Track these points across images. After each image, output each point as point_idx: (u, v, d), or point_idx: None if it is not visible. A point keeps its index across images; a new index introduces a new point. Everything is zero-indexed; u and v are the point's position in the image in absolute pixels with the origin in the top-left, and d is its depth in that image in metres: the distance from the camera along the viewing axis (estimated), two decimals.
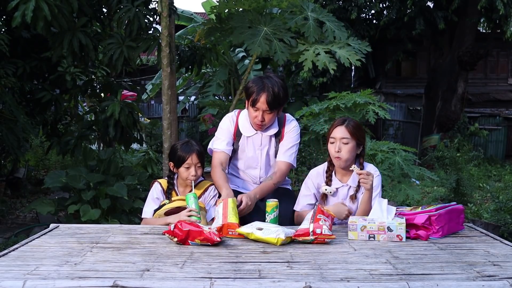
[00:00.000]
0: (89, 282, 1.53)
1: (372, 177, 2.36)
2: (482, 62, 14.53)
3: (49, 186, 4.39)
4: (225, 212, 2.25)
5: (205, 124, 8.76)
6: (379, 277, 1.61)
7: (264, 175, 2.77)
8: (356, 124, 2.49)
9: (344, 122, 2.48)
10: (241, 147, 2.76)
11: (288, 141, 2.76)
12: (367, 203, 2.41)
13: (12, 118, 4.71)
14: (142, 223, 2.59)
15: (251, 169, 2.78)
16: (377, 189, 2.49)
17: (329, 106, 4.15)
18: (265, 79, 2.61)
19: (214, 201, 2.62)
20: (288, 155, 2.74)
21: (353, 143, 2.45)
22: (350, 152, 2.45)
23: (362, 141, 2.50)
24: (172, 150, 2.65)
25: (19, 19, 3.78)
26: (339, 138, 2.44)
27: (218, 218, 2.26)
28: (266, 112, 2.59)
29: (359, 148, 2.50)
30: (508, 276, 1.63)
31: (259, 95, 2.55)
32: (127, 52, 4.45)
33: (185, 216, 2.30)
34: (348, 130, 2.44)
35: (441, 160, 9.26)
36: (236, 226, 2.18)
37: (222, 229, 2.19)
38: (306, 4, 4.49)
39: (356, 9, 11.86)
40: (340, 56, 4.41)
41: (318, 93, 13.24)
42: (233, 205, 2.32)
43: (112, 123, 4.61)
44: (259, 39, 4.21)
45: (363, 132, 2.52)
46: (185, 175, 2.56)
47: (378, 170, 2.59)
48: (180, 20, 7.26)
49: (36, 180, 7.88)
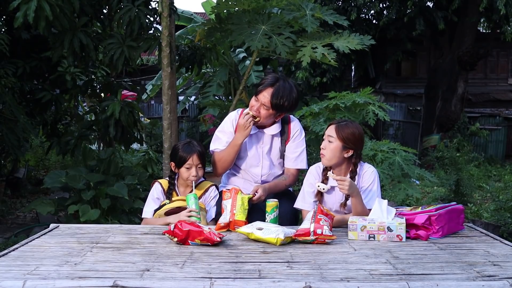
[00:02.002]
0: (89, 282, 1.53)
1: (348, 182, 2.30)
2: (482, 62, 14.53)
3: (49, 186, 4.39)
4: (233, 209, 2.30)
5: (205, 124, 8.76)
6: (379, 277, 1.61)
7: (266, 173, 2.77)
8: (350, 128, 2.43)
9: (338, 123, 2.48)
10: (242, 145, 2.76)
11: (297, 146, 2.78)
12: (356, 206, 2.38)
13: (12, 118, 4.71)
14: (143, 223, 2.59)
15: (252, 167, 2.78)
16: (374, 184, 2.50)
17: (329, 106, 4.14)
18: (282, 79, 2.61)
19: (215, 202, 2.64)
20: (299, 161, 2.78)
21: (338, 144, 2.42)
22: (333, 152, 2.43)
23: (350, 145, 2.43)
24: (173, 151, 2.65)
25: (21, 19, 3.78)
26: (327, 135, 2.47)
27: (226, 214, 2.30)
28: (264, 106, 2.60)
29: (346, 151, 2.44)
30: (508, 276, 1.63)
31: (266, 88, 2.57)
32: (128, 52, 4.45)
33: (185, 217, 2.30)
34: (335, 130, 2.44)
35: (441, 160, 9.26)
36: (243, 223, 2.24)
37: (229, 226, 2.25)
38: (305, 3, 4.47)
39: (356, 10, 11.85)
40: (339, 46, 4.27)
41: (318, 93, 13.24)
42: (241, 202, 2.34)
43: (113, 122, 4.61)
44: (258, 36, 4.19)
45: (356, 138, 2.43)
46: (186, 176, 2.56)
47: (374, 167, 2.59)
48: (180, 20, 7.25)
49: (36, 180, 7.88)
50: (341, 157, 2.46)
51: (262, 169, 2.77)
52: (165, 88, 4.49)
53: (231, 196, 2.39)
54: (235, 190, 2.42)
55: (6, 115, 4.70)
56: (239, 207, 2.32)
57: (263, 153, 2.76)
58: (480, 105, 15.27)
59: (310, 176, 2.59)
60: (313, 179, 2.57)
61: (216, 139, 2.81)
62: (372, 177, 2.51)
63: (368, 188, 2.50)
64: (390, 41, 12.99)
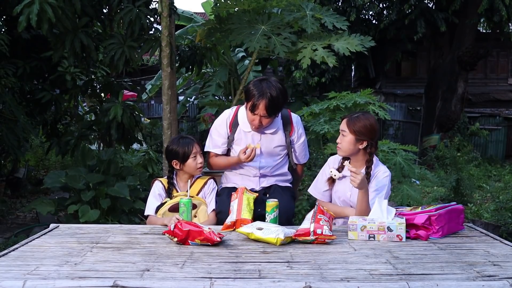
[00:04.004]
0: (89, 282, 1.53)
1: (361, 176, 2.37)
2: (482, 62, 14.52)
3: (49, 186, 4.39)
4: (239, 208, 2.37)
5: (205, 123, 8.74)
6: (379, 277, 1.61)
7: (264, 166, 2.78)
8: (362, 120, 2.51)
9: (349, 117, 2.58)
10: (237, 141, 2.78)
11: (302, 144, 2.91)
12: (361, 202, 2.43)
13: (12, 118, 4.72)
14: (148, 220, 2.62)
15: (250, 163, 2.78)
16: (383, 189, 2.52)
17: (329, 106, 4.14)
18: (265, 83, 2.61)
19: (214, 194, 2.68)
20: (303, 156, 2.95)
21: (351, 137, 2.52)
22: (348, 144, 2.53)
23: (363, 137, 2.51)
24: (171, 150, 2.65)
25: (24, 23, 3.80)
26: (340, 130, 2.58)
27: (233, 213, 2.37)
28: (264, 117, 2.62)
29: (360, 143, 2.52)
30: (508, 276, 1.63)
31: (258, 101, 2.56)
32: (129, 52, 4.45)
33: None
34: (347, 124, 2.54)
35: (441, 160, 9.27)
36: (249, 222, 2.28)
37: (236, 224, 2.31)
38: (305, 3, 4.46)
39: (355, 11, 11.85)
40: (339, 48, 4.28)
41: (318, 93, 13.23)
42: (247, 201, 2.41)
43: (115, 125, 4.62)
44: (257, 36, 4.19)
45: (368, 129, 2.50)
46: (194, 165, 2.62)
47: (389, 171, 2.63)
48: (180, 20, 7.25)
49: (36, 180, 7.88)
50: (356, 149, 2.54)
51: (259, 163, 2.78)
52: (165, 88, 4.49)
53: (237, 196, 2.45)
54: (241, 190, 2.48)
55: (6, 115, 4.70)
56: (245, 206, 2.39)
57: (260, 150, 2.77)
58: (480, 105, 15.26)
59: (326, 166, 2.73)
60: (328, 168, 2.67)
61: (211, 140, 2.85)
62: (384, 181, 2.54)
63: (377, 189, 2.52)
64: (390, 41, 12.99)
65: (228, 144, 2.81)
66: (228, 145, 2.81)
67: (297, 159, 2.91)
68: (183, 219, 2.29)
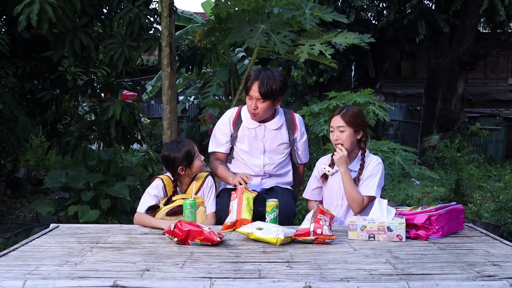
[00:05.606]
0: (89, 282, 1.53)
1: (343, 154, 2.52)
2: (482, 62, 14.52)
3: (49, 186, 4.39)
4: (239, 208, 2.37)
5: (206, 124, 8.75)
6: (379, 277, 1.62)
7: (268, 163, 2.80)
8: (354, 112, 2.60)
9: (341, 112, 2.61)
10: (241, 138, 2.80)
11: (305, 143, 2.95)
12: (345, 184, 2.54)
13: (12, 118, 4.72)
14: (135, 216, 2.49)
15: (253, 159, 2.81)
16: (377, 174, 2.58)
17: (329, 106, 4.13)
18: (263, 70, 2.72)
19: (213, 193, 2.67)
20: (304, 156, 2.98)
21: (350, 131, 2.59)
22: (349, 138, 2.59)
23: (360, 127, 2.61)
24: (175, 158, 2.55)
25: (24, 23, 3.81)
26: (336, 127, 2.61)
27: (233, 213, 2.37)
28: (259, 100, 2.67)
29: (358, 133, 2.61)
30: (508, 276, 1.63)
31: (252, 83, 2.66)
32: (128, 52, 4.45)
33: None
34: (343, 119, 2.58)
35: (441, 160, 9.27)
36: (249, 222, 2.28)
37: (236, 224, 2.31)
38: (304, 3, 4.46)
39: (354, 12, 11.84)
40: (338, 42, 4.32)
41: (318, 93, 13.23)
42: (247, 201, 2.41)
43: (114, 124, 4.62)
44: (257, 34, 4.20)
45: (361, 119, 2.62)
46: (199, 164, 2.62)
47: (381, 159, 2.70)
48: (180, 20, 7.25)
49: (36, 180, 7.88)
50: (355, 141, 2.63)
51: (263, 161, 2.80)
52: (165, 88, 4.49)
53: (237, 196, 2.44)
54: (241, 189, 2.47)
55: (6, 115, 4.70)
56: (245, 206, 2.38)
57: (264, 147, 2.80)
58: (480, 105, 15.26)
59: (315, 170, 2.79)
60: (317, 172, 2.77)
61: (214, 140, 2.87)
62: (376, 168, 2.60)
63: (369, 175, 2.58)
64: (390, 41, 12.99)
65: (231, 142, 2.83)
66: (231, 143, 2.83)
67: (299, 157, 2.94)
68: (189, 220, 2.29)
